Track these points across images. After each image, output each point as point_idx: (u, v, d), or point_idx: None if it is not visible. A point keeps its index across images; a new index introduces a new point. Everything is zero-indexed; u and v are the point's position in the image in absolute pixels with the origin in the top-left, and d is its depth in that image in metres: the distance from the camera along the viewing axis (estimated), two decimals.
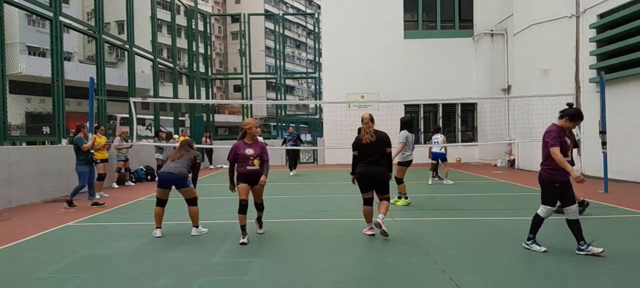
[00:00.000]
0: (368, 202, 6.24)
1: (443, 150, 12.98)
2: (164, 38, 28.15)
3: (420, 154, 15.92)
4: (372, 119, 6.23)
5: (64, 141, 11.93)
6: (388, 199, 6.23)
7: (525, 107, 15.25)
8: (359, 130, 6.40)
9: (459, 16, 22.06)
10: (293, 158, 16.51)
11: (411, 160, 9.08)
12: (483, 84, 20.71)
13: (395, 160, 7.86)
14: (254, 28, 27.38)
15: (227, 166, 6.41)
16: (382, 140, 6.14)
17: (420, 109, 21.77)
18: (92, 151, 9.72)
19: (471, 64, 21.60)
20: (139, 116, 21.34)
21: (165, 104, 22.77)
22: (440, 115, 21.71)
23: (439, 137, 12.94)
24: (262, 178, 5.98)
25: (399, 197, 8.96)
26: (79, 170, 9.36)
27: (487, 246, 5.76)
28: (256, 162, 6.00)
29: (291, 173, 16.20)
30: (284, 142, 16.41)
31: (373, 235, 6.23)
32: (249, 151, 5.99)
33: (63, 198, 10.20)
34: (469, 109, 21.99)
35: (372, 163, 6.07)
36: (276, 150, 19.25)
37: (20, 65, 19.58)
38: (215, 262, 5.16)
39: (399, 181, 8.84)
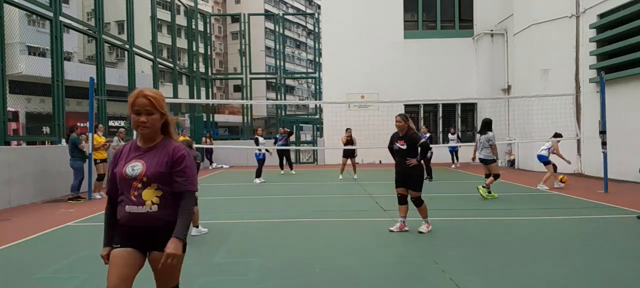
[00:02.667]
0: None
1: (544, 153, 11.53)
2: (164, 38, 28.14)
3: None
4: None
5: (64, 141, 11.93)
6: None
7: (525, 107, 15.25)
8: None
9: (459, 16, 22.05)
10: (283, 157, 16.56)
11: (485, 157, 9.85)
12: (483, 84, 20.71)
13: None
14: (254, 28, 27.38)
15: (228, 167, 4.93)
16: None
17: (420, 109, 21.76)
18: (86, 150, 9.82)
19: (471, 64, 21.59)
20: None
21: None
22: (440, 115, 21.71)
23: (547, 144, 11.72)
24: (170, 245, 2.39)
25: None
26: (76, 166, 9.72)
27: (487, 246, 5.76)
28: (148, 194, 2.46)
29: (281, 172, 16.28)
30: (276, 142, 16.43)
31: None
32: (133, 168, 2.48)
33: (63, 198, 10.22)
34: (469, 109, 21.98)
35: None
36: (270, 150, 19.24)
37: (20, 65, 19.57)
38: (215, 262, 5.16)
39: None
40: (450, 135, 19.08)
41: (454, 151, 18.87)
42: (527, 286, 4.24)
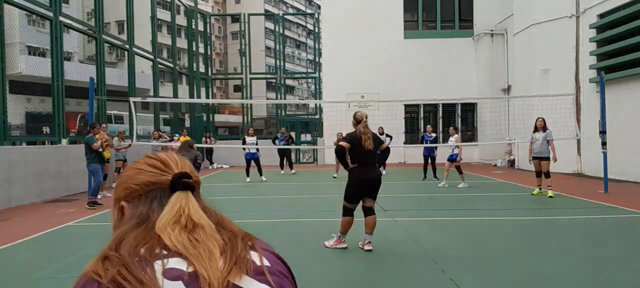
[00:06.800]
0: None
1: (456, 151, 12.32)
2: (164, 38, 28.13)
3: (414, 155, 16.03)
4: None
5: (64, 141, 11.92)
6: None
7: (525, 107, 15.24)
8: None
9: (459, 16, 22.05)
10: (284, 157, 16.56)
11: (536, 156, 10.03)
12: (483, 84, 20.71)
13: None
14: (254, 28, 27.33)
15: (228, 168, 5.51)
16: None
17: (420, 109, 21.76)
18: (102, 149, 9.77)
19: (471, 64, 21.59)
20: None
21: (165, 103, 22.77)
22: (440, 115, 21.70)
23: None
24: None
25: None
26: (91, 168, 9.45)
27: (487, 246, 5.76)
28: None
29: (282, 172, 16.27)
30: (274, 141, 16.43)
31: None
32: None
33: (63, 199, 10.23)
34: (469, 109, 21.98)
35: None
36: (269, 150, 19.23)
37: (20, 65, 19.56)
38: None
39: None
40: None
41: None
42: (527, 286, 4.24)
